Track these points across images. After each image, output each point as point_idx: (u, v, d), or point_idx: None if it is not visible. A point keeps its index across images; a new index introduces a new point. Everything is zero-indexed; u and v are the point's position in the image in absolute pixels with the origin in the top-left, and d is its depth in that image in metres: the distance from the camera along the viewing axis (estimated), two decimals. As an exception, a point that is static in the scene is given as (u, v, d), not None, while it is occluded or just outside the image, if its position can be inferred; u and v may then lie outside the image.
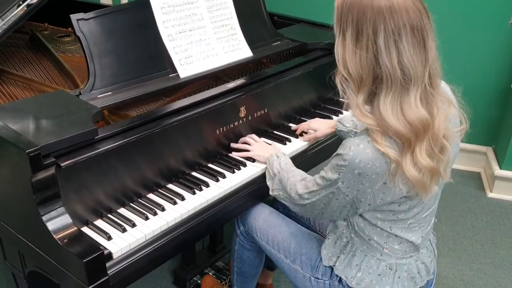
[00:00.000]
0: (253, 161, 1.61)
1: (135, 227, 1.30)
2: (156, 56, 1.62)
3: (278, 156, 1.50)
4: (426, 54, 1.06)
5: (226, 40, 1.79)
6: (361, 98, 1.08)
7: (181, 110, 1.49)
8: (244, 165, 1.59)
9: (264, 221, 1.53)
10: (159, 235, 1.31)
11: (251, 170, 1.58)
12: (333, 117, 1.95)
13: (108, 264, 1.20)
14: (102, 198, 1.33)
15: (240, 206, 1.54)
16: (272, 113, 1.80)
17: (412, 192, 1.13)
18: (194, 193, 1.45)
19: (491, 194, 2.80)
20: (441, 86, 1.14)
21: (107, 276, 1.18)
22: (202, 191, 1.47)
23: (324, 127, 1.73)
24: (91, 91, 1.47)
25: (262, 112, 1.75)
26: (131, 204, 1.39)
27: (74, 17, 1.47)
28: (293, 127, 1.83)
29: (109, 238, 1.25)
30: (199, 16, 1.72)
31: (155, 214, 1.35)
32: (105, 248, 1.21)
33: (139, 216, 1.34)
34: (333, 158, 1.14)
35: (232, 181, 1.52)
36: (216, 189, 1.48)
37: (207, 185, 1.49)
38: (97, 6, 1.68)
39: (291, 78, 1.82)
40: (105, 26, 1.52)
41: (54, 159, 1.18)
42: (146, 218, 1.33)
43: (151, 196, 1.44)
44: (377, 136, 1.07)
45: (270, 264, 1.89)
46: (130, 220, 1.31)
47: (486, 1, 2.62)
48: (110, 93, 1.50)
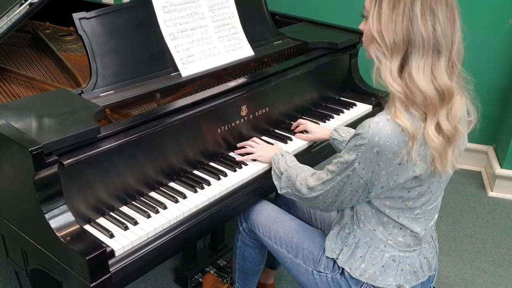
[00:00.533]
0: (255, 160, 1.61)
1: (137, 225, 1.31)
2: (158, 55, 1.62)
3: (283, 155, 1.51)
4: (456, 31, 1.11)
5: (228, 39, 1.80)
6: (395, 64, 1.11)
7: (183, 109, 1.49)
8: (246, 164, 1.60)
9: (267, 217, 1.55)
10: (161, 233, 1.32)
11: (252, 169, 1.58)
12: (334, 116, 1.96)
13: (111, 262, 1.20)
14: (105, 196, 1.33)
15: (242, 205, 1.54)
16: (273, 112, 1.80)
17: (426, 172, 1.14)
18: (196, 192, 1.46)
19: (492, 193, 2.81)
20: None
21: (110, 274, 1.18)
22: (204, 190, 1.47)
23: (319, 132, 1.74)
24: (93, 90, 1.48)
25: (264, 111, 1.75)
26: (133, 202, 1.40)
27: (77, 16, 1.47)
28: (293, 126, 1.83)
29: (112, 236, 1.26)
30: (201, 15, 1.73)
31: (157, 212, 1.36)
32: (108, 246, 1.21)
33: (141, 214, 1.35)
34: (351, 140, 1.16)
35: (234, 180, 1.53)
36: (218, 188, 1.49)
37: (209, 184, 1.50)
38: (98, 5, 1.68)
39: (292, 77, 1.83)
40: (107, 25, 1.52)
41: (57, 157, 1.18)
42: (148, 216, 1.34)
43: (153, 195, 1.44)
44: (398, 109, 1.10)
45: (272, 263, 1.90)
46: (132, 218, 1.32)
47: (487, 0, 2.62)
48: (112, 92, 1.51)
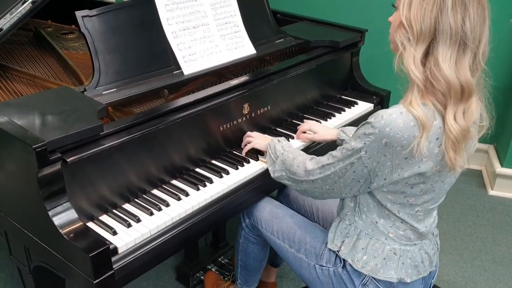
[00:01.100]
0: (257, 159, 1.62)
1: (140, 222, 1.31)
2: (160, 53, 1.63)
3: (280, 140, 1.53)
4: (484, 31, 1.10)
5: (230, 38, 1.80)
6: (419, 52, 1.10)
7: (185, 107, 1.50)
8: (248, 162, 1.61)
9: (269, 213, 1.55)
10: (164, 230, 1.32)
11: (254, 167, 1.59)
12: (336, 114, 1.96)
13: (114, 259, 1.21)
14: (108, 194, 1.34)
15: (243, 202, 1.55)
16: (275, 110, 1.81)
17: (432, 170, 1.14)
18: (198, 189, 1.46)
19: (492, 192, 2.81)
20: None
21: (113, 271, 1.19)
22: (206, 187, 1.48)
23: (324, 132, 1.73)
24: (96, 88, 1.48)
25: (265, 109, 1.76)
26: (136, 200, 1.40)
27: (79, 14, 1.47)
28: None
29: (115, 233, 1.26)
30: (203, 14, 1.73)
31: (160, 210, 1.36)
32: (111, 243, 1.22)
33: (144, 212, 1.35)
34: (360, 128, 1.16)
35: (236, 178, 1.53)
36: (220, 185, 1.49)
37: (211, 181, 1.50)
38: (100, 4, 1.68)
39: (294, 76, 1.83)
40: (110, 23, 1.53)
41: (60, 155, 1.19)
42: (151, 214, 1.35)
43: (156, 192, 1.45)
44: (414, 96, 1.10)
45: (274, 260, 1.90)
46: (135, 216, 1.33)
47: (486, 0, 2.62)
48: (115, 90, 1.51)
